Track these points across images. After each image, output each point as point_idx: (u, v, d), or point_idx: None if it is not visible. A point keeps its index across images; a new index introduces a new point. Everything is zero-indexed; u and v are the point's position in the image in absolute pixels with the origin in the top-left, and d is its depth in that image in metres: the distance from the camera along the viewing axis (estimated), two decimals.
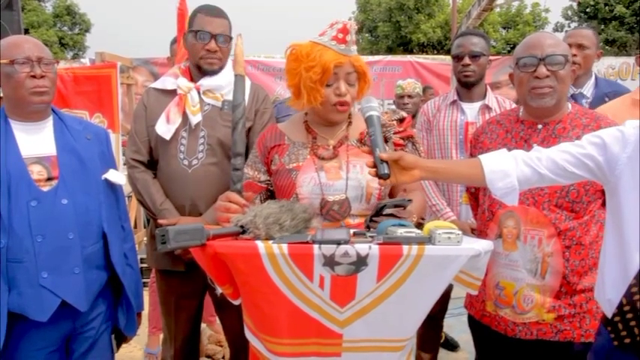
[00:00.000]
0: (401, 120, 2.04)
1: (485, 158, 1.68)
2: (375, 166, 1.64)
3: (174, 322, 2.61)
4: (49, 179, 1.94)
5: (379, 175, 1.63)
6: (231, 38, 2.45)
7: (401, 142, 2.00)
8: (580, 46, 3.13)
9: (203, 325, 3.73)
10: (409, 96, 4.47)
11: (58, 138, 2.01)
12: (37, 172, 1.93)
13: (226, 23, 2.45)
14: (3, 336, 1.83)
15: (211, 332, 3.89)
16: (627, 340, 1.53)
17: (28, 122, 1.97)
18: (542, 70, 1.93)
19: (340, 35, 1.86)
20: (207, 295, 2.66)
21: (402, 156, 1.64)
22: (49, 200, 1.91)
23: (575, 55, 3.01)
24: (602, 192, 1.87)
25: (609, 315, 1.58)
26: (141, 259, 2.52)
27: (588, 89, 3.17)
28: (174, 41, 3.87)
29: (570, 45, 2.92)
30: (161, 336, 3.05)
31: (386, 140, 1.93)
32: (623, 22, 21.32)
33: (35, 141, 1.97)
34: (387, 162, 1.63)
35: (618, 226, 1.58)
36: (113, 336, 2.20)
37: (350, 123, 2.04)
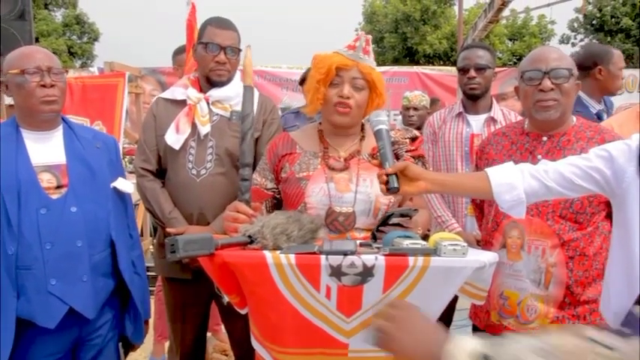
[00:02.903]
0: (413, 139, 2.07)
1: (492, 171, 1.69)
2: (383, 180, 1.65)
3: (180, 330, 2.63)
4: (59, 187, 1.96)
5: (388, 189, 1.64)
6: (239, 50, 2.48)
7: (412, 160, 2.02)
8: None
9: (208, 334, 3.73)
10: (415, 108, 4.48)
11: (67, 146, 2.03)
12: (46, 180, 1.95)
13: (235, 35, 2.48)
14: (11, 342, 1.84)
15: (217, 341, 3.90)
16: None
17: (38, 131, 2.00)
18: (547, 83, 1.94)
19: (352, 43, 1.93)
20: (213, 303, 2.68)
21: (408, 166, 1.65)
22: (58, 208, 1.93)
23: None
24: (606, 203, 1.88)
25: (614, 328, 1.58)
26: (147, 267, 2.54)
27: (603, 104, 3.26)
28: (177, 52, 3.95)
29: None
30: (167, 344, 3.07)
31: (397, 157, 1.93)
32: (630, 35, 21.32)
33: (45, 149, 1.99)
34: (396, 175, 1.64)
35: (625, 238, 1.59)
36: (120, 344, 2.22)
37: (363, 137, 2.05)
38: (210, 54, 2.43)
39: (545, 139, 2.02)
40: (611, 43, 21.45)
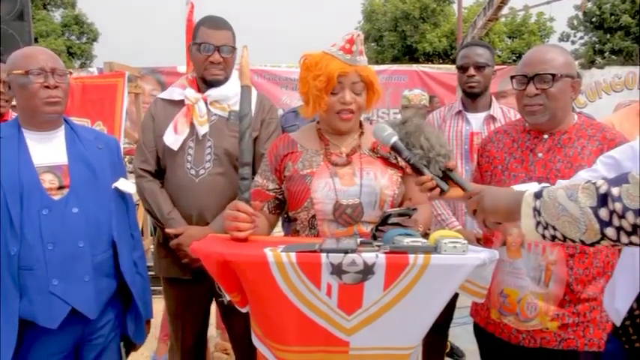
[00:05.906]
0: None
1: (517, 188, 1.72)
2: (432, 185, 1.73)
3: (180, 330, 2.64)
4: (61, 188, 1.97)
5: (441, 192, 1.73)
6: (235, 49, 2.48)
7: None
8: None
9: (210, 333, 3.73)
10: (416, 108, 4.48)
11: (69, 147, 2.04)
12: (48, 180, 1.96)
13: (229, 34, 2.48)
14: (14, 343, 1.85)
15: (218, 340, 3.91)
16: (638, 345, 1.54)
17: (40, 132, 2.00)
18: (531, 88, 1.95)
19: (347, 45, 1.92)
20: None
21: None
22: (60, 209, 1.94)
23: None
24: None
25: (618, 323, 1.59)
26: (148, 266, 2.55)
27: None
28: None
29: None
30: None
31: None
32: (629, 32, 21.28)
33: (47, 150, 2.00)
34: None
35: None
36: (122, 344, 2.22)
37: (362, 133, 2.07)
38: (204, 54, 2.43)
39: (546, 137, 2.03)
40: (611, 40, 21.46)
